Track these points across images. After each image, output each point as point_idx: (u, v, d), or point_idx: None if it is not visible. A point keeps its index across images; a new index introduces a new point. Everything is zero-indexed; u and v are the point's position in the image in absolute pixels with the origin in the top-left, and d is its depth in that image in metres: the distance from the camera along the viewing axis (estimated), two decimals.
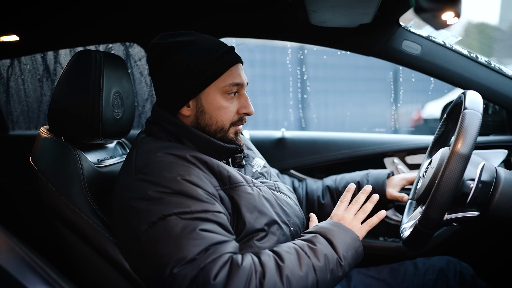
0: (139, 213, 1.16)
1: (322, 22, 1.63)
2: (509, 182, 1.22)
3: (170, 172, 1.20)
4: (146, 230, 1.14)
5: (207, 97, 1.34)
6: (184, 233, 1.10)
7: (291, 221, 1.40)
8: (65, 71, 1.41)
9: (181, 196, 1.16)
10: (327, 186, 1.84)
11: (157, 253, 1.11)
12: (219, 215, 1.18)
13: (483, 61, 1.77)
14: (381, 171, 1.83)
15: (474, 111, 1.16)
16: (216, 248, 1.11)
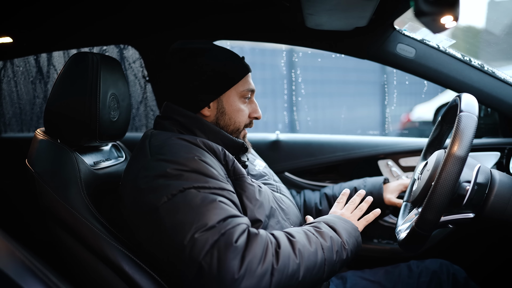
0: (158, 189, 1.17)
1: (318, 25, 1.63)
2: (504, 184, 1.23)
3: (187, 153, 1.24)
4: (166, 202, 1.15)
5: (227, 99, 1.45)
6: (204, 203, 1.13)
7: (290, 219, 1.44)
8: (61, 73, 1.41)
9: (199, 174, 1.19)
10: (325, 193, 1.87)
11: (177, 221, 1.12)
12: (233, 195, 1.23)
13: (477, 64, 1.79)
14: (376, 178, 1.86)
15: (470, 113, 1.17)
16: (233, 219, 1.13)
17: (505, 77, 1.79)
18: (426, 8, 0.77)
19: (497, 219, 1.22)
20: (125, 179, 1.31)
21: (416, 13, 0.79)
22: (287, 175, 2.16)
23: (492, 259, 1.84)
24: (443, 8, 0.80)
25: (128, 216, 1.26)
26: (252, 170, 1.56)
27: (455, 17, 0.84)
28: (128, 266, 1.23)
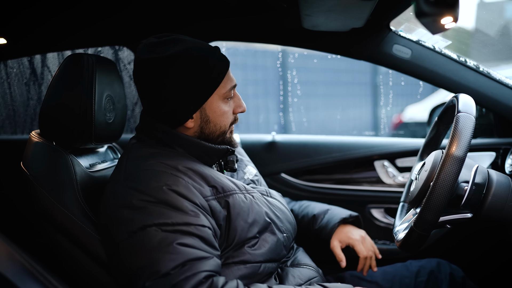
0: (121, 221, 1.15)
1: (314, 26, 1.64)
2: (501, 184, 1.24)
3: (157, 181, 1.18)
4: (126, 239, 1.13)
5: (210, 106, 1.33)
6: (161, 246, 1.09)
7: (283, 226, 1.40)
8: (56, 75, 1.40)
9: (164, 206, 1.14)
10: (292, 209, 1.76)
11: (133, 264, 1.10)
12: (202, 229, 1.15)
13: (472, 65, 1.80)
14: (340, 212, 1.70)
15: (468, 114, 1.17)
16: (193, 264, 1.08)
17: (500, 78, 1.81)
18: (427, 9, 0.78)
19: (494, 219, 1.23)
20: (103, 195, 1.29)
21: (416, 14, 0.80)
22: (284, 176, 2.16)
23: (489, 258, 1.86)
24: (443, 9, 0.80)
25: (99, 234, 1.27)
26: (240, 179, 1.50)
27: (455, 18, 0.85)
28: None
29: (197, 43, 1.32)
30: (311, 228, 1.68)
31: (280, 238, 1.36)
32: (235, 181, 1.35)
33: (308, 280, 1.40)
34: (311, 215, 1.70)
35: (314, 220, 1.68)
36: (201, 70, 1.28)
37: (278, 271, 1.41)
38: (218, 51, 1.35)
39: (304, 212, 1.74)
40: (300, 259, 1.50)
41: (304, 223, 1.69)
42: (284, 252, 1.40)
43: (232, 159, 1.43)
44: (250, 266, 1.28)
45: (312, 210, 1.73)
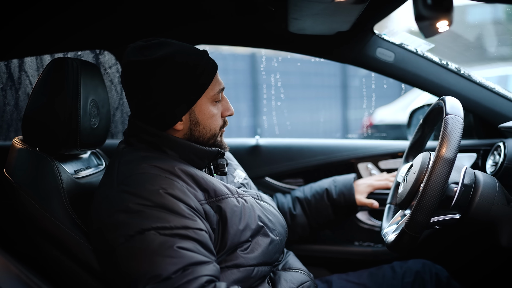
0: (118, 226, 1.13)
1: (300, 29, 1.64)
2: (488, 185, 1.26)
3: (152, 185, 1.17)
4: (123, 244, 1.11)
5: (200, 108, 1.33)
6: (162, 249, 1.08)
7: (276, 230, 1.40)
8: (40, 80, 1.36)
9: (162, 210, 1.13)
10: (296, 197, 1.86)
11: (131, 268, 1.08)
12: (200, 233, 1.15)
13: (453, 68, 1.84)
14: (346, 176, 1.87)
15: (456, 116, 1.19)
16: (194, 269, 1.08)
17: (481, 80, 1.84)
18: (426, 13, 0.79)
19: (482, 220, 1.25)
20: (94, 201, 1.27)
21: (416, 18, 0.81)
22: (268, 180, 2.15)
23: (472, 258, 1.88)
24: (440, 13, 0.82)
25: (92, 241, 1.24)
26: (230, 182, 1.50)
27: (450, 22, 0.86)
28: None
29: (184, 46, 1.33)
30: (329, 199, 1.80)
31: (272, 241, 1.36)
32: (227, 185, 1.34)
33: (301, 285, 1.40)
34: (322, 190, 1.82)
35: (328, 192, 1.81)
36: (190, 72, 1.28)
37: (271, 275, 1.41)
38: (206, 54, 1.35)
39: (313, 191, 1.84)
40: (291, 263, 1.51)
41: (318, 200, 1.81)
42: (276, 256, 1.40)
43: (222, 162, 1.43)
44: (243, 270, 1.27)
45: (320, 186, 1.86)
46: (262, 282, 1.34)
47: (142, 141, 1.33)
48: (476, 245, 1.86)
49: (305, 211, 1.83)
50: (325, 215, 1.82)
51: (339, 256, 2.05)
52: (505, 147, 1.69)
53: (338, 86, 8.74)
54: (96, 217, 1.22)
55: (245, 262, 1.27)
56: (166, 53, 1.26)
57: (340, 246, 2.08)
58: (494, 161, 1.77)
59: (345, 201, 1.80)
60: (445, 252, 1.91)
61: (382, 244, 2.04)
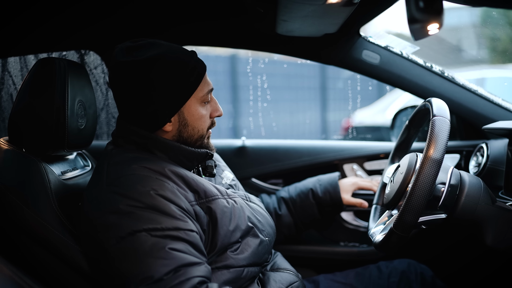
0: (108, 227, 1.12)
1: (289, 31, 1.65)
2: (473, 185, 1.28)
3: (143, 186, 1.16)
4: (114, 245, 1.10)
5: (189, 109, 1.32)
6: (153, 251, 1.07)
7: (265, 231, 1.41)
8: (27, 80, 1.35)
9: (153, 211, 1.12)
10: (282, 197, 1.87)
11: (123, 270, 1.08)
12: (191, 234, 1.15)
13: (437, 70, 1.87)
14: (330, 175, 1.89)
15: (443, 117, 1.21)
16: (186, 270, 1.07)
17: (464, 83, 1.88)
18: (419, 16, 0.80)
19: (467, 219, 1.27)
20: (83, 203, 1.26)
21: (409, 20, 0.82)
22: (254, 181, 2.16)
23: (456, 257, 1.91)
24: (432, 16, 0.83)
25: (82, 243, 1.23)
26: (218, 184, 1.50)
27: (441, 24, 0.88)
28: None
29: (173, 47, 1.32)
30: (315, 198, 1.82)
31: (262, 242, 1.36)
32: (217, 186, 1.34)
33: (290, 285, 1.41)
34: (307, 190, 1.84)
35: (314, 191, 1.83)
36: (179, 73, 1.28)
37: (260, 275, 1.41)
38: (195, 55, 1.35)
39: (298, 191, 1.85)
40: (279, 264, 1.51)
41: (303, 199, 1.82)
42: (266, 256, 1.41)
43: (211, 164, 1.43)
44: (233, 270, 1.27)
45: (304, 186, 1.87)
46: (252, 282, 1.34)
47: (131, 143, 1.32)
48: (459, 245, 1.89)
49: (290, 211, 1.84)
50: (310, 214, 1.83)
51: (325, 257, 2.07)
52: (488, 148, 1.72)
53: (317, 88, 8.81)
54: (86, 219, 1.21)
55: (235, 263, 1.28)
56: (156, 54, 1.26)
57: (326, 247, 2.09)
58: (477, 162, 1.81)
59: (331, 199, 1.82)
60: (429, 251, 1.94)
61: (367, 245, 2.06)
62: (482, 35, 6.20)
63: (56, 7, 1.64)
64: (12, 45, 1.87)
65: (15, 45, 1.88)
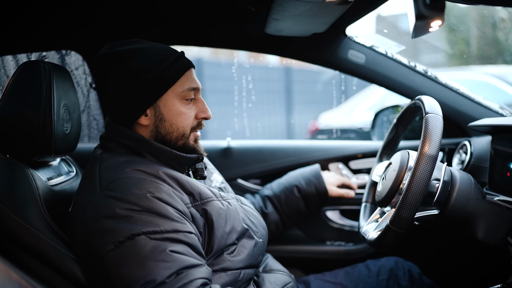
0: (105, 232, 1.09)
1: (278, 31, 1.65)
2: (464, 181, 1.31)
3: (139, 189, 1.14)
4: (112, 250, 1.07)
5: (165, 103, 1.30)
6: (154, 254, 1.05)
7: (258, 232, 1.41)
8: (10, 84, 1.30)
9: (150, 214, 1.10)
10: (266, 195, 1.89)
11: (123, 275, 1.05)
12: (190, 236, 1.14)
13: (421, 69, 1.90)
14: (312, 167, 1.95)
15: (436, 114, 1.23)
16: (188, 272, 1.06)
17: (446, 82, 1.92)
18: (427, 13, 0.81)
19: (459, 215, 1.30)
20: (75, 210, 1.23)
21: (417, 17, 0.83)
22: (240, 182, 2.15)
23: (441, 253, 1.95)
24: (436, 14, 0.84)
25: (77, 251, 1.20)
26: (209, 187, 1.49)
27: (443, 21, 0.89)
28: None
29: (158, 45, 1.33)
30: (300, 191, 1.86)
31: (257, 243, 1.36)
32: (210, 188, 1.33)
33: (284, 286, 1.41)
34: (291, 185, 1.88)
35: (298, 187, 1.87)
36: (157, 65, 1.27)
37: (254, 278, 1.40)
38: (181, 53, 1.34)
39: (281, 187, 1.89)
40: (271, 265, 1.51)
41: (288, 195, 1.87)
42: (260, 258, 1.40)
43: (201, 166, 1.42)
44: (230, 273, 1.26)
45: (287, 181, 1.91)
46: (248, 285, 1.34)
47: (121, 146, 1.30)
48: (444, 241, 1.93)
49: (276, 208, 1.86)
50: (296, 209, 1.87)
51: (312, 256, 2.07)
52: (471, 146, 1.76)
53: (282, 91, 8.87)
54: (79, 225, 1.17)
55: (232, 265, 1.27)
56: (137, 47, 1.28)
57: (312, 246, 2.10)
58: (460, 159, 1.84)
59: (316, 190, 1.87)
60: (415, 248, 1.97)
61: (353, 243, 2.08)
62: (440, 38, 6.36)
63: (36, 7, 1.59)
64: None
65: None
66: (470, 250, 1.80)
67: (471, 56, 5.25)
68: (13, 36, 1.77)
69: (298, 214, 1.89)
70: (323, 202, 1.93)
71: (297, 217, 1.89)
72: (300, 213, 1.89)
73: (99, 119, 2.25)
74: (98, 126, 2.29)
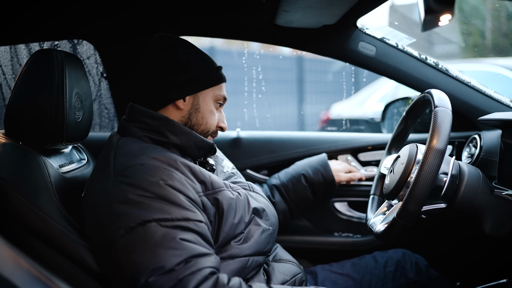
0: (117, 217, 1.11)
1: (288, 22, 1.65)
2: (472, 175, 1.31)
3: (152, 176, 1.15)
4: (123, 236, 1.09)
5: (204, 98, 1.39)
6: (164, 241, 1.07)
7: (268, 220, 1.42)
8: (23, 72, 1.32)
9: (162, 201, 1.12)
10: (273, 184, 1.91)
11: (132, 261, 1.06)
12: (200, 225, 1.15)
13: (432, 62, 1.89)
14: (319, 157, 1.97)
15: (445, 108, 1.23)
16: (197, 261, 1.08)
17: (457, 75, 1.90)
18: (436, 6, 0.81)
19: (466, 209, 1.30)
20: (88, 195, 1.25)
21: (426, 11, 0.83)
22: (249, 172, 2.16)
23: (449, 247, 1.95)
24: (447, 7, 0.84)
25: (88, 236, 1.22)
26: (220, 172, 1.51)
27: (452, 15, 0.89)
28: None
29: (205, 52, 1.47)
30: (307, 180, 1.89)
31: (264, 230, 1.38)
32: (221, 180, 1.35)
33: (294, 276, 1.42)
34: (298, 174, 1.91)
35: (305, 175, 1.89)
36: (208, 64, 1.41)
37: (264, 266, 1.42)
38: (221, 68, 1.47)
39: (289, 176, 1.92)
40: (281, 255, 1.53)
41: (295, 184, 1.89)
42: (270, 245, 1.42)
43: (211, 161, 1.47)
44: (238, 260, 1.28)
45: (294, 170, 1.94)
46: (258, 272, 1.36)
47: (143, 128, 1.33)
48: (452, 234, 1.92)
49: (283, 196, 1.88)
50: (303, 197, 1.89)
51: (319, 247, 2.09)
52: (481, 139, 1.75)
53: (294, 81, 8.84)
54: (92, 210, 1.19)
55: (240, 252, 1.28)
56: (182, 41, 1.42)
57: (320, 237, 2.11)
58: (469, 153, 1.84)
59: (323, 178, 1.89)
60: (422, 241, 1.97)
61: (361, 235, 2.09)
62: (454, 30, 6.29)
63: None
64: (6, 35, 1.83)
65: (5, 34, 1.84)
66: (479, 245, 1.80)
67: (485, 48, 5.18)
68: (26, 25, 1.79)
69: (306, 202, 1.91)
70: (330, 190, 1.94)
71: (304, 205, 1.92)
72: (307, 202, 1.91)
73: (110, 108, 2.27)
74: (109, 115, 2.31)
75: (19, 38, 1.87)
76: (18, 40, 1.89)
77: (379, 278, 1.64)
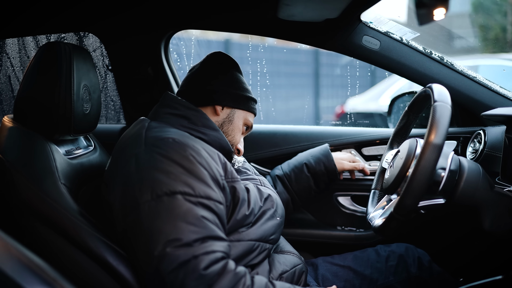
0: (145, 182, 1.15)
1: (290, 16, 1.64)
2: (472, 171, 1.30)
3: (183, 150, 1.21)
4: (149, 201, 1.12)
5: (239, 115, 1.52)
6: (187, 216, 1.11)
7: (277, 212, 1.47)
8: (32, 64, 1.36)
9: (189, 175, 1.16)
10: (276, 175, 1.93)
11: (153, 227, 1.10)
12: (219, 206, 1.20)
13: (436, 56, 1.87)
14: (321, 147, 1.97)
15: (444, 103, 1.22)
16: (213, 243, 1.11)
17: (462, 69, 1.88)
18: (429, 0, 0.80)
19: (466, 205, 1.29)
20: (114, 166, 1.30)
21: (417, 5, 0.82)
22: (253, 165, 2.16)
23: (452, 242, 1.94)
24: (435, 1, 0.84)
25: (113, 203, 1.24)
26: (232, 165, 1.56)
27: (447, 9, 0.88)
28: (112, 258, 1.20)
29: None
30: (309, 170, 1.90)
31: (273, 221, 1.42)
32: None
33: (294, 267, 1.45)
34: (301, 164, 1.92)
35: (307, 165, 1.91)
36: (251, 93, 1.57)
37: None
38: None
39: (291, 167, 1.94)
40: (283, 246, 1.56)
41: (298, 174, 1.91)
42: (276, 235, 1.45)
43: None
44: (244, 243, 1.32)
45: (297, 160, 1.95)
46: (263, 261, 1.39)
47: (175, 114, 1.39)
48: (456, 230, 1.92)
49: (286, 187, 1.90)
50: (306, 187, 1.91)
51: (322, 240, 2.09)
52: (485, 135, 1.74)
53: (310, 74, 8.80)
54: (121, 172, 1.24)
55: (246, 236, 1.33)
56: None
57: (323, 230, 2.11)
58: (474, 148, 1.82)
59: (325, 167, 1.90)
60: (426, 236, 1.97)
61: (364, 229, 2.09)
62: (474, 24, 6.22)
63: None
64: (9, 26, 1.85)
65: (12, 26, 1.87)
66: (482, 239, 1.79)
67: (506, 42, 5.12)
68: (33, 17, 1.81)
69: (308, 192, 1.92)
70: (332, 180, 1.95)
71: (307, 195, 1.93)
72: (310, 192, 1.92)
73: (116, 100, 2.29)
74: (115, 107, 2.33)
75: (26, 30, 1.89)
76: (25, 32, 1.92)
77: (380, 272, 1.64)
